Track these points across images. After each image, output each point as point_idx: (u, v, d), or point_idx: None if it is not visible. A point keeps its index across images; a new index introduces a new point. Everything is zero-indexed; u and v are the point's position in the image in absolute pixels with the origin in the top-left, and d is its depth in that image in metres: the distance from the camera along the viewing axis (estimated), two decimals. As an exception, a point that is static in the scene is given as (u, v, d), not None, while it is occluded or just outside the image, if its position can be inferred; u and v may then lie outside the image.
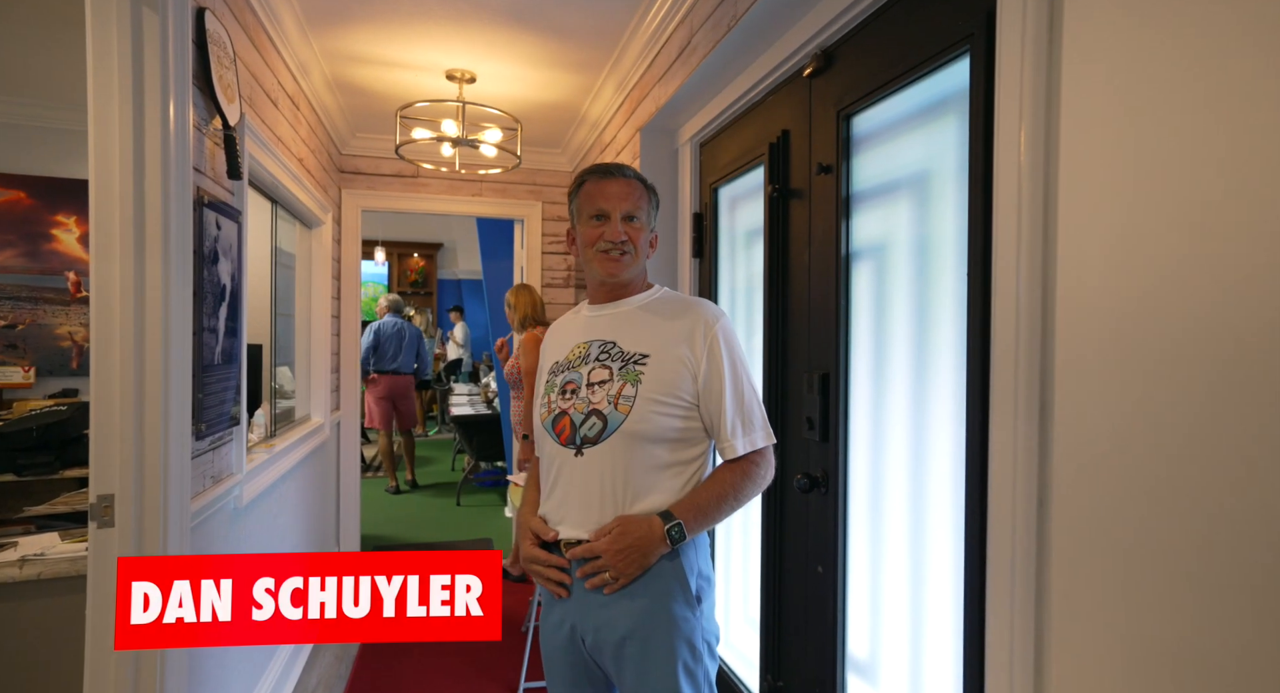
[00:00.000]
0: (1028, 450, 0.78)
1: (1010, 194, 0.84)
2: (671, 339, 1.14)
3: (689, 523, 1.08)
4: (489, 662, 2.54)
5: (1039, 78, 0.79)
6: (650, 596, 1.08)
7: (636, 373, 1.12)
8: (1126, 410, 0.71)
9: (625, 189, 1.17)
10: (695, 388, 1.12)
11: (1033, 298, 0.79)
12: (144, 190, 1.27)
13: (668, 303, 1.20)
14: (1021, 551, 0.78)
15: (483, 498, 5.02)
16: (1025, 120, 0.80)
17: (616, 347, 1.16)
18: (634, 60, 2.32)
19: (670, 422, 1.10)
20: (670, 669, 1.07)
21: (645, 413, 1.09)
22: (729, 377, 1.12)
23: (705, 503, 1.10)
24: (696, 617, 1.10)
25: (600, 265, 1.17)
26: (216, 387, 1.58)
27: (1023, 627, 0.79)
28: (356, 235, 3.43)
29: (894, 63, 1.25)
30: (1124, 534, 0.70)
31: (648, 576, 1.09)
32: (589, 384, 1.15)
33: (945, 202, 1.17)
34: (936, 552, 1.19)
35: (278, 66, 2.17)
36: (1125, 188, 0.71)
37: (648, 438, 1.09)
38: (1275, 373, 0.59)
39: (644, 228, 1.19)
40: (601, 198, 1.16)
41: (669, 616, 1.08)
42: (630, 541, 1.06)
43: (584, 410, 1.13)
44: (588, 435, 1.11)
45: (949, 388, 1.15)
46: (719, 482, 1.12)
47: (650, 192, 1.21)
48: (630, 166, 1.21)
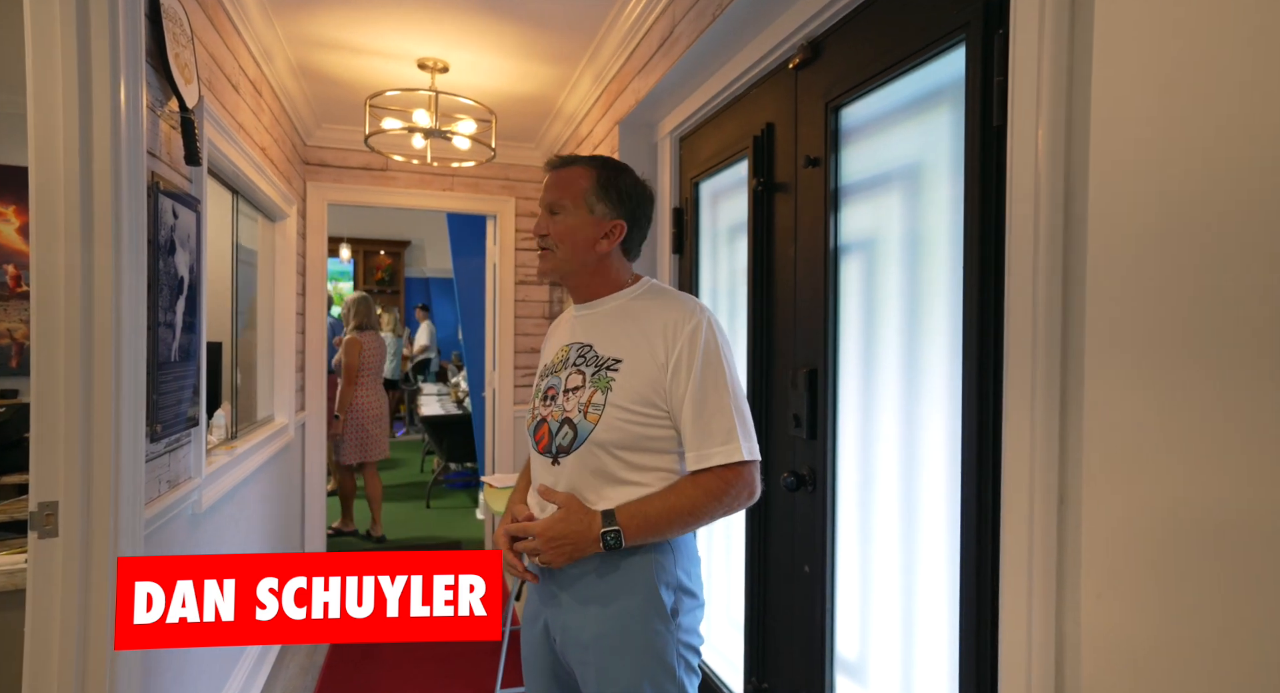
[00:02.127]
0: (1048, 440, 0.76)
1: (1027, 154, 0.82)
2: (646, 340, 1.07)
3: (629, 532, 1.02)
4: (462, 668, 2.47)
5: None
6: (619, 604, 1.04)
7: (608, 380, 1.07)
8: (1166, 406, 0.69)
9: (556, 178, 1.13)
10: (666, 392, 1.05)
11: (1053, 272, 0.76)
12: (92, 174, 1.17)
13: (648, 300, 1.14)
14: (1040, 550, 0.75)
15: (453, 500, 4.92)
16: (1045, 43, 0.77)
17: (592, 351, 1.12)
18: (613, 51, 2.28)
19: (640, 429, 1.05)
20: (633, 685, 1.02)
21: (613, 422, 1.05)
22: (695, 380, 1.03)
23: (653, 514, 1.03)
24: (670, 630, 1.05)
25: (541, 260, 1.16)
26: (173, 385, 1.49)
27: (1042, 631, 0.76)
28: (322, 229, 3.31)
29: (885, 53, 1.23)
30: (1159, 532, 0.69)
31: (617, 581, 1.05)
32: (565, 390, 1.12)
33: (938, 193, 1.15)
34: (928, 550, 1.17)
35: (239, 50, 2.07)
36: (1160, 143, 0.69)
37: (618, 446, 1.05)
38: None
39: (573, 219, 1.11)
40: (543, 190, 1.16)
41: (637, 628, 1.04)
42: (564, 530, 1.03)
43: (559, 418, 1.10)
44: (562, 444, 1.09)
45: (942, 383, 1.13)
46: (675, 494, 1.04)
47: (600, 174, 1.12)
48: (583, 155, 1.16)
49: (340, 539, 3.95)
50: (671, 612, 1.06)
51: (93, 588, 1.18)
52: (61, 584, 1.15)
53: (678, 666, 1.06)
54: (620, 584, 1.05)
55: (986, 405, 0.99)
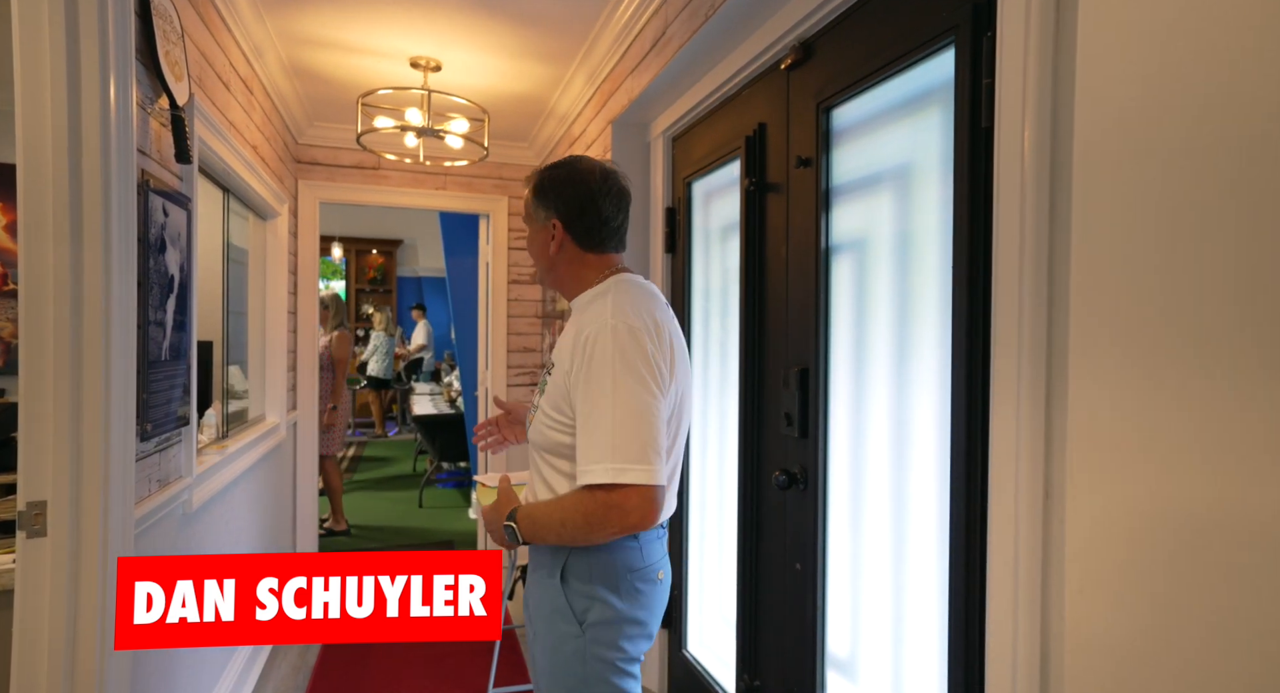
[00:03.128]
0: (1033, 437, 0.77)
1: (1014, 135, 0.83)
2: (567, 348, 1.05)
3: (523, 529, 1.06)
4: (455, 668, 2.47)
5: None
6: (534, 595, 1.12)
7: (544, 383, 1.11)
8: (1146, 405, 0.70)
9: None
10: (571, 402, 1.02)
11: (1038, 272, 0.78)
12: (81, 172, 1.17)
13: (594, 302, 1.10)
14: (1025, 546, 0.77)
15: (446, 499, 4.91)
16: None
17: (551, 353, 1.21)
18: (606, 51, 2.28)
19: (554, 435, 1.05)
20: (551, 682, 1.07)
21: (539, 426, 1.09)
22: (584, 392, 0.98)
23: (538, 518, 1.04)
24: (579, 637, 1.04)
25: None
26: (163, 384, 1.48)
27: (1027, 625, 0.78)
28: (314, 228, 3.30)
29: (875, 55, 1.24)
30: (1138, 526, 0.70)
31: (538, 576, 1.11)
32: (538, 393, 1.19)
33: (928, 194, 1.16)
34: (918, 547, 1.18)
35: (230, 47, 2.06)
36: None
37: (544, 449, 1.09)
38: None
39: (531, 234, 1.17)
40: None
41: (544, 626, 1.08)
42: (490, 514, 1.13)
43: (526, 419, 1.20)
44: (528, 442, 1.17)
45: (931, 382, 1.14)
46: (560, 504, 1.02)
47: (535, 182, 1.14)
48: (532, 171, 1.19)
49: (332, 539, 3.94)
50: (579, 619, 1.04)
51: (82, 588, 1.17)
52: (50, 585, 1.14)
53: (589, 677, 1.03)
54: (537, 579, 1.11)
55: (975, 404, 1.01)
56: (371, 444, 7.12)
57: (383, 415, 7.66)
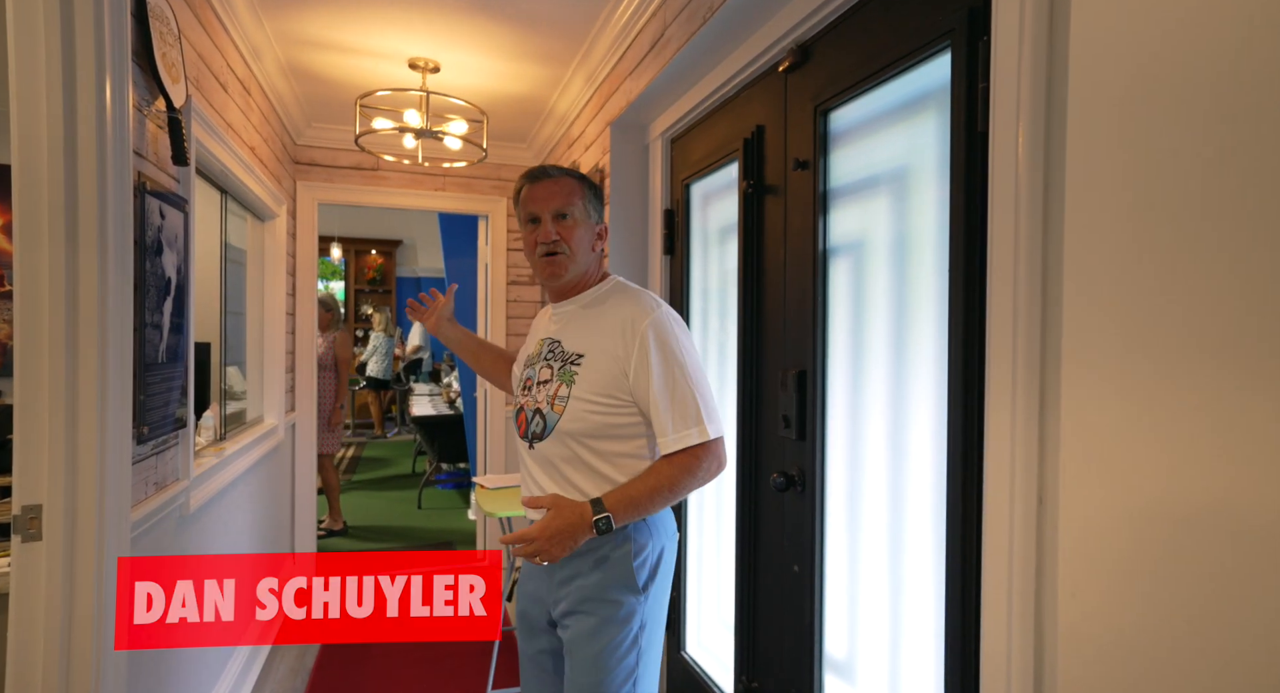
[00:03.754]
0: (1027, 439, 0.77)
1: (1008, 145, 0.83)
2: (605, 336, 1.17)
3: (618, 514, 1.12)
4: (453, 669, 2.47)
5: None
6: (598, 578, 1.16)
7: (571, 373, 1.18)
8: (1138, 408, 0.70)
9: (553, 188, 1.21)
10: (628, 384, 1.14)
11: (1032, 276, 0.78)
12: (77, 175, 1.17)
13: (610, 297, 1.23)
14: (1020, 549, 0.76)
15: (445, 500, 4.91)
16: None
17: (560, 346, 1.23)
18: (605, 52, 2.28)
19: (604, 418, 1.15)
20: (599, 650, 1.14)
21: (577, 412, 1.15)
22: (657, 373, 1.13)
23: (638, 496, 1.13)
24: (638, 601, 1.17)
25: (541, 270, 1.23)
26: (160, 387, 1.48)
27: (1021, 627, 0.77)
28: (313, 229, 3.29)
29: (872, 58, 1.24)
30: (1130, 527, 0.70)
31: (596, 557, 1.17)
32: (538, 383, 1.23)
33: (925, 197, 1.16)
34: (916, 550, 1.18)
35: (227, 48, 2.06)
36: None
37: (584, 435, 1.15)
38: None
39: (579, 223, 1.21)
40: (532, 201, 1.22)
41: (611, 600, 1.15)
42: (560, 525, 1.11)
43: (532, 408, 1.22)
44: (535, 432, 1.21)
45: (929, 385, 1.14)
46: (655, 475, 1.14)
47: (585, 184, 1.24)
48: (561, 167, 1.25)
49: (329, 539, 3.93)
50: (643, 586, 1.17)
51: (78, 592, 1.17)
52: (45, 589, 1.14)
53: (641, 635, 1.17)
54: (599, 561, 1.16)
55: (972, 406, 1.00)
56: (371, 445, 7.12)
57: (382, 416, 7.66)
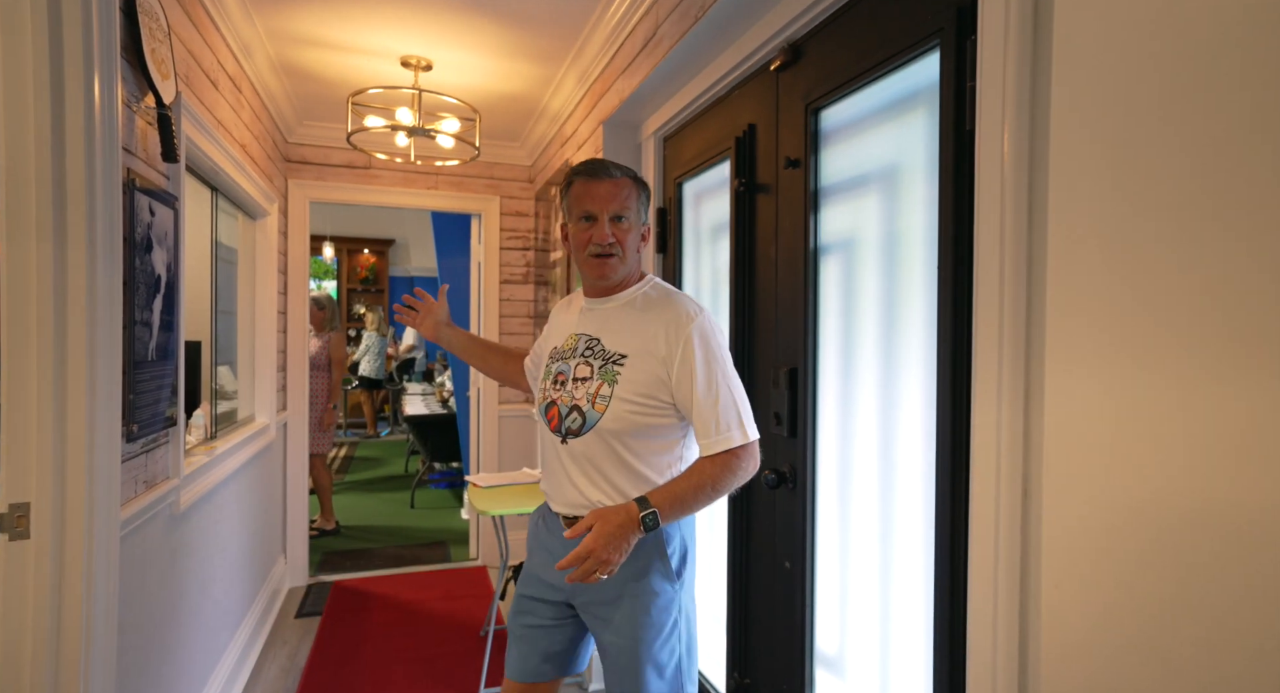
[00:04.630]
0: (1012, 434, 0.78)
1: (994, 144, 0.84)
2: (649, 338, 1.18)
3: (664, 512, 1.12)
4: (445, 669, 2.46)
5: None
6: (632, 568, 1.17)
7: (614, 373, 1.18)
8: (1120, 402, 0.71)
9: (613, 189, 1.20)
10: (670, 386, 1.16)
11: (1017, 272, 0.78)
12: (65, 171, 1.16)
13: (652, 299, 1.24)
14: (1005, 543, 0.77)
15: (438, 500, 4.90)
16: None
17: (600, 344, 1.23)
18: (597, 51, 2.28)
19: (645, 419, 1.17)
20: (640, 636, 1.17)
21: (619, 413, 1.16)
22: (701, 376, 1.14)
23: (683, 493, 1.14)
24: (675, 589, 1.19)
25: (590, 269, 1.22)
26: (150, 385, 1.47)
27: (1006, 620, 0.78)
28: (305, 228, 3.28)
29: (863, 57, 1.25)
30: (1111, 520, 0.71)
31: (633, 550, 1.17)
32: (574, 379, 1.23)
33: (915, 195, 1.17)
34: (906, 546, 1.19)
35: (218, 45, 2.05)
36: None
37: (624, 434, 1.17)
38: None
39: (633, 227, 1.22)
40: (589, 199, 1.20)
41: (649, 590, 1.18)
42: (610, 530, 1.10)
43: (568, 404, 1.22)
44: (570, 428, 1.21)
45: (919, 381, 1.15)
46: (698, 473, 1.16)
47: (640, 186, 1.24)
48: (619, 165, 1.24)
49: (321, 539, 3.92)
50: (676, 572, 1.20)
51: (66, 591, 1.16)
52: (33, 588, 1.13)
53: (680, 619, 1.21)
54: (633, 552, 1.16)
55: (960, 403, 1.01)
56: (363, 444, 7.09)
57: (375, 416, 7.63)
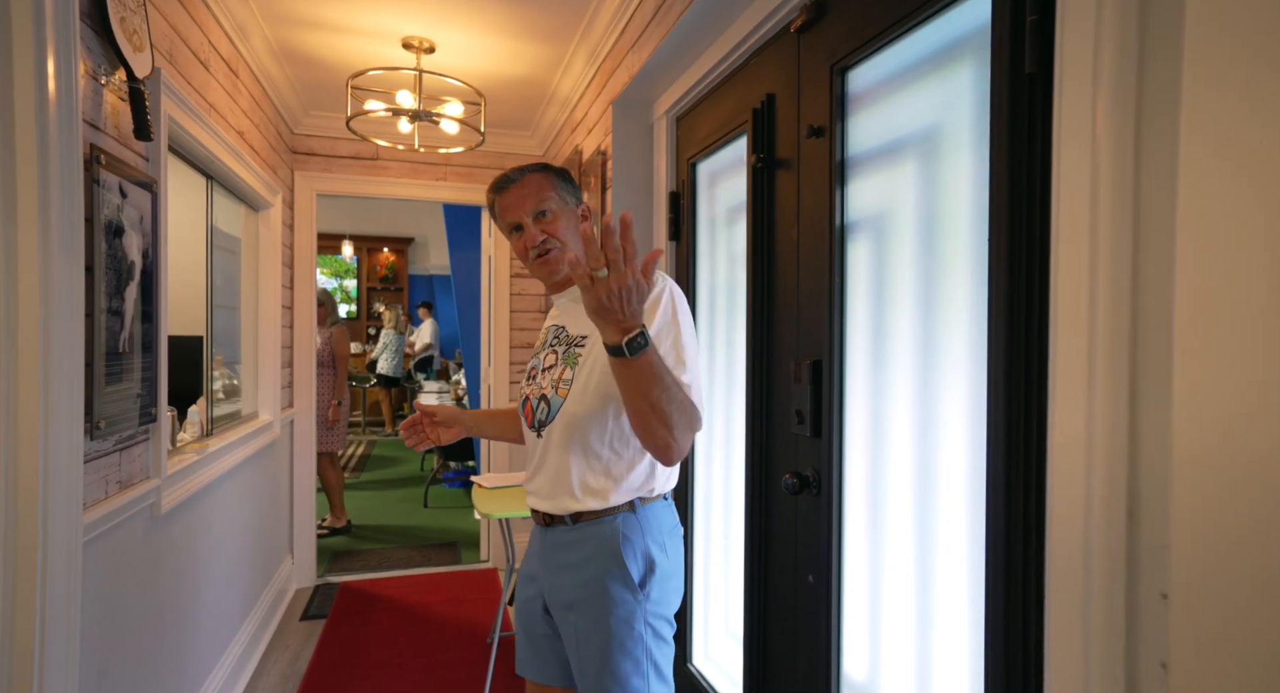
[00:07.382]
0: (1111, 444, 0.62)
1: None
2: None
3: (651, 352, 0.92)
4: (449, 676, 2.36)
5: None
6: (591, 571, 1.11)
7: (575, 355, 1.16)
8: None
9: (522, 191, 1.16)
10: None
11: (1119, 245, 0.62)
12: (14, 146, 1.06)
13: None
14: (1100, 572, 0.62)
15: (451, 499, 4.82)
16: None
17: (565, 331, 1.22)
18: (607, 24, 2.15)
19: (606, 390, 1.10)
20: (603, 647, 1.09)
21: (580, 394, 1.12)
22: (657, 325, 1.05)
23: (661, 368, 0.95)
24: (638, 601, 1.11)
25: (539, 271, 1.19)
26: (124, 378, 1.38)
27: (1103, 665, 0.63)
28: (311, 220, 3.20)
29: (897, 4, 1.10)
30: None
31: (589, 550, 1.11)
32: (543, 370, 1.21)
33: (959, 160, 1.02)
34: (946, 559, 1.04)
35: (208, 24, 1.95)
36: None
37: (588, 416, 1.12)
38: None
39: (560, 215, 1.16)
40: (507, 211, 1.17)
41: (607, 595, 1.10)
42: (625, 299, 0.87)
43: (537, 395, 1.19)
44: (541, 419, 1.18)
45: (962, 375, 1.00)
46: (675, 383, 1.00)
47: (553, 173, 1.19)
48: (523, 166, 1.20)
49: (332, 538, 3.85)
50: (639, 583, 1.11)
51: (19, 599, 1.07)
52: (-17, 597, 1.04)
53: (645, 634, 1.11)
54: (591, 553, 1.11)
55: (1016, 399, 0.86)
56: (381, 443, 7.07)
57: (393, 413, 7.61)
